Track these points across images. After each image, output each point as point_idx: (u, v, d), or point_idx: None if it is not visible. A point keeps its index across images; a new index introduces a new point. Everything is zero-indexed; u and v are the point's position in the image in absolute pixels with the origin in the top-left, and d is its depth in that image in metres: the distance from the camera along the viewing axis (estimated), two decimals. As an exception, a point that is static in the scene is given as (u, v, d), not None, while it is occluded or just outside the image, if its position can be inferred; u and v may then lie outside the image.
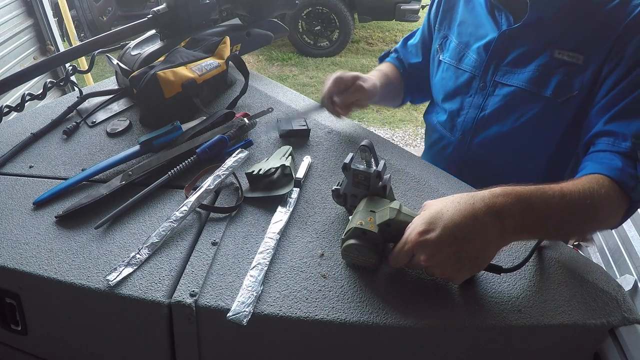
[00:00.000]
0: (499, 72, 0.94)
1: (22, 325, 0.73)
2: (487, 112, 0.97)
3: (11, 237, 0.74)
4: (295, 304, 0.63)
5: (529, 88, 0.90)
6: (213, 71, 1.05)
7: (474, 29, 1.01)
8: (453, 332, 0.62)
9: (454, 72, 1.04)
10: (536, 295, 0.65)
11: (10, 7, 3.02)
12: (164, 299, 0.63)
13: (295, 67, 4.99)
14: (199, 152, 0.87)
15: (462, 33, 1.03)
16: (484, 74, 0.97)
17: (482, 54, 0.97)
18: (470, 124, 1.00)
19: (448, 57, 1.06)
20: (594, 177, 0.73)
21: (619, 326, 0.62)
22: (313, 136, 0.98)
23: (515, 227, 0.61)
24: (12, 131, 1.01)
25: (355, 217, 0.67)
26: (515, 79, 0.92)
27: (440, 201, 0.64)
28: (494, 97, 0.95)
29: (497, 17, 0.95)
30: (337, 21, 4.99)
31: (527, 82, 0.90)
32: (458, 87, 1.03)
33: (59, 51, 1.89)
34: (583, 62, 0.84)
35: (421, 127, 3.86)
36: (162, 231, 0.72)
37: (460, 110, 1.02)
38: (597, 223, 0.75)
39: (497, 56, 0.94)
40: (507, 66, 0.93)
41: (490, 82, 0.96)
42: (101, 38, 1.09)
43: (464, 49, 1.02)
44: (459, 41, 1.03)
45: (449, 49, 1.06)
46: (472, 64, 0.99)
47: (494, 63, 0.95)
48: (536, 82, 0.89)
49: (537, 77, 0.89)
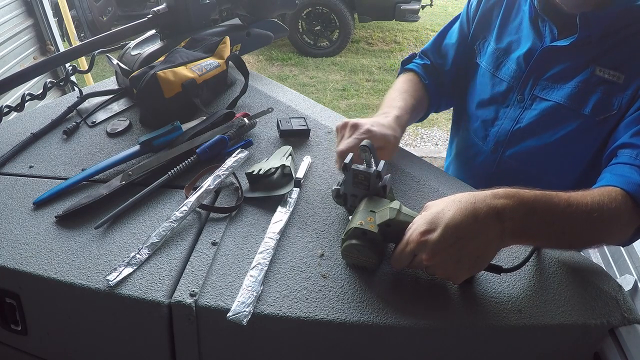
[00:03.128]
0: (538, 86, 0.91)
1: (22, 325, 0.73)
2: (522, 125, 0.94)
3: (11, 237, 0.74)
4: (295, 304, 0.63)
5: (568, 104, 0.87)
6: (213, 71, 1.05)
7: (515, 36, 0.96)
8: (453, 332, 0.62)
9: (490, 79, 1.00)
10: (536, 295, 0.65)
11: (10, 7, 3.02)
12: (164, 299, 0.63)
13: (295, 67, 4.99)
14: (199, 152, 0.87)
15: (501, 38, 0.99)
16: (522, 87, 0.93)
17: (522, 64, 0.93)
18: (504, 135, 0.96)
19: (485, 62, 1.01)
20: (608, 190, 0.70)
21: (619, 326, 0.62)
22: (313, 136, 0.98)
23: (515, 230, 0.61)
24: (12, 131, 1.01)
25: (355, 217, 0.67)
26: (554, 94, 0.89)
27: (441, 201, 0.64)
28: (531, 110, 0.92)
29: (540, 27, 0.91)
30: (337, 21, 4.99)
31: (567, 99, 0.87)
32: (494, 95, 0.99)
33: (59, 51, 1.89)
34: (624, 81, 0.82)
35: (421, 127, 3.86)
36: (162, 231, 0.72)
37: (494, 120, 0.99)
38: (602, 237, 0.71)
39: (538, 70, 0.91)
40: (547, 81, 0.90)
41: (529, 95, 0.93)
42: (101, 38, 1.09)
43: (503, 55, 0.98)
44: (498, 46, 0.99)
45: (487, 53, 1.01)
46: (510, 74, 0.95)
47: (534, 76, 0.92)
48: (575, 99, 0.86)
49: (577, 94, 0.86)
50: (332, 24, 5.05)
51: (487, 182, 0.92)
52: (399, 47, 5.53)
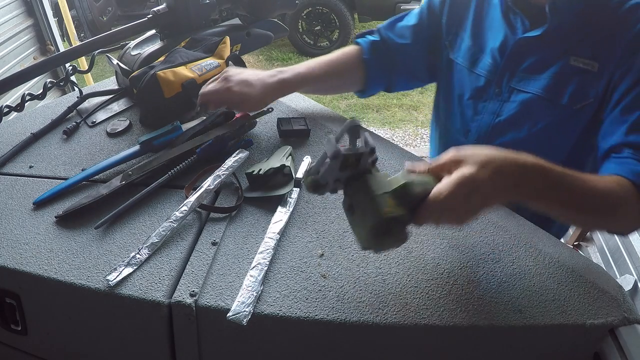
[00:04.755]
0: (515, 78, 0.92)
1: (22, 325, 0.73)
2: (502, 118, 0.95)
3: (11, 237, 0.74)
4: (295, 304, 0.63)
5: (545, 95, 0.88)
6: (213, 71, 1.05)
7: (488, 30, 0.97)
8: (453, 332, 0.62)
9: (467, 75, 1.01)
10: (536, 295, 0.65)
11: (10, 7, 3.02)
12: (164, 299, 0.63)
13: (295, 67, 4.99)
14: (199, 152, 0.87)
15: (476, 34, 0.99)
16: (499, 80, 0.94)
17: (497, 58, 0.94)
18: (485, 129, 0.98)
19: (461, 59, 1.02)
20: (617, 178, 0.73)
21: (619, 326, 0.62)
22: (313, 136, 0.98)
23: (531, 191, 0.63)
24: (12, 131, 1.01)
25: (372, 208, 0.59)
26: (531, 85, 0.90)
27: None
28: (510, 103, 0.93)
29: (512, 20, 0.92)
30: (337, 21, 4.99)
31: (543, 90, 0.88)
32: (473, 91, 1.00)
33: (59, 51, 1.89)
34: (598, 69, 0.83)
35: (421, 127, 3.86)
36: (162, 231, 0.72)
37: (475, 115, 1.00)
38: (608, 220, 0.74)
39: (513, 62, 0.92)
40: (523, 72, 0.91)
41: (506, 88, 0.94)
42: (101, 38, 1.09)
43: (478, 51, 0.98)
44: (473, 42, 1.00)
45: (461, 49, 1.02)
46: (487, 69, 0.96)
47: (510, 69, 0.93)
48: (552, 90, 0.87)
49: (553, 84, 0.87)
50: (332, 24, 5.05)
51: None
52: (399, 47, 5.52)
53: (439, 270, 0.69)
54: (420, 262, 0.70)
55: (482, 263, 0.70)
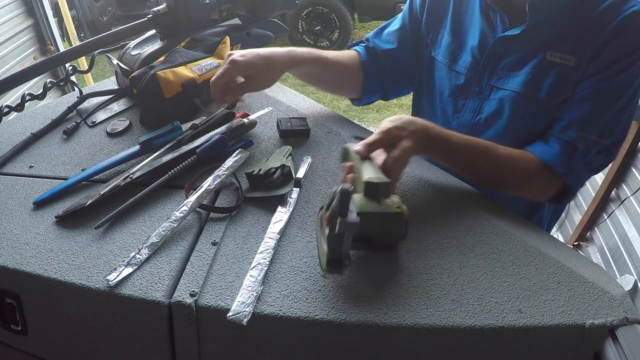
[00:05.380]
0: (495, 76, 0.93)
1: (22, 325, 0.73)
2: (482, 116, 0.96)
3: (11, 237, 0.74)
4: (295, 304, 0.63)
5: (524, 92, 0.89)
6: (213, 71, 1.04)
7: (468, 27, 0.98)
8: (453, 332, 0.62)
9: (447, 73, 1.01)
10: (536, 295, 0.65)
11: (10, 7, 3.02)
12: (164, 299, 0.63)
13: (295, 67, 4.99)
14: (199, 152, 0.87)
15: (455, 30, 1.00)
16: (479, 78, 0.95)
17: (477, 56, 0.95)
18: (466, 127, 0.99)
19: (441, 56, 1.02)
20: (525, 152, 0.87)
21: (619, 326, 0.62)
22: (313, 136, 0.98)
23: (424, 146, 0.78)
24: (12, 131, 1.01)
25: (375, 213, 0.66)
26: (510, 83, 0.91)
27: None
28: (490, 101, 0.95)
29: (491, 17, 0.93)
30: (337, 21, 5.00)
31: (522, 86, 0.89)
32: (453, 89, 1.01)
33: (59, 51, 1.90)
34: (574, 63, 0.84)
35: (421, 127, 3.85)
36: (162, 231, 0.72)
37: (455, 112, 1.01)
38: (508, 184, 0.87)
39: (492, 60, 0.93)
40: (502, 70, 0.92)
41: (486, 86, 0.95)
42: (101, 38, 1.09)
43: (458, 48, 0.99)
44: (452, 40, 1.00)
45: (441, 46, 1.02)
46: (466, 67, 0.97)
47: (489, 67, 0.94)
48: (530, 86, 0.88)
49: (531, 80, 0.88)
50: (332, 24, 5.05)
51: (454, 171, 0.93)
52: (399, 47, 5.52)
53: (439, 270, 0.69)
54: (420, 262, 0.70)
55: (482, 263, 0.70)
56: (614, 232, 2.03)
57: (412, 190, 0.84)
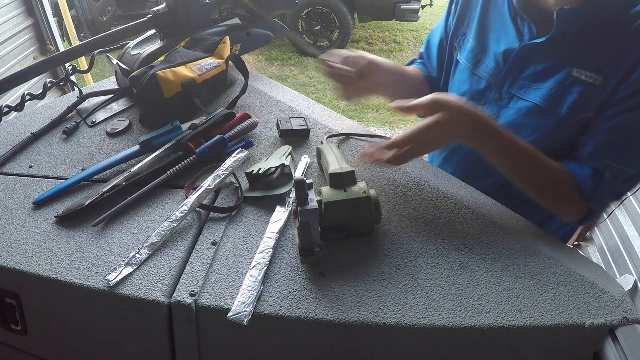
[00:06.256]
0: (517, 85, 0.91)
1: (22, 325, 0.73)
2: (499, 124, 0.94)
3: (11, 237, 0.74)
4: (295, 304, 0.63)
5: (545, 105, 0.87)
6: (213, 71, 1.05)
7: (494, 33, 0.96)
8: (453, 332, 0.62)
9: (469, 77, 1.00)
10: (536, 295, 0.65)
11: (10, 7, 3.02)
12: (164, 299, 0.63)
13: (295, 67, 4.99)
14: (199, 152, 0.87)
15: (480, 35, 0.98)
16: (500, 85, 0.93)
17: (501, 63, 0.93)
18: None
19: (464, 60, 1.01)
20: (563, 168, 0.84)
21: (619, 326, 0.62)
22: (313, 136, 0.98)
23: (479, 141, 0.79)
24: (12, 131, 1.01)
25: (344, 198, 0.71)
26: (531, 94, 0.89)
27: None
28: (509, 109, 0.92)
29: (519, 25, 0.90)
30: (337, 21, 5.00)
31: (543, 99, 0.87)
32: (472, 93, 0.99)
33: (59, 51, 1.89)
34: (600, 83, 0.80)
35: (421, 127, 3.86)
36: (162, 231, 0.72)
37: None
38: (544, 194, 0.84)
39: (516, 68, 0.91)
40: (525, 80, 0.90)
41: (507, 94, 0.92)
42: (101, 38, 1.09)
43: (481, 53, 0.97)
44: (477, 43, 0.99)
45: (466, 49, 1.01)
46: (489, 72, 0.95)
47: (512, 75, 0.91)
48: (552, 100, 0.86)
49: (554, 94, 0.86)
50: (332, 24, 5.05)
51: (465, 178, 0.93)
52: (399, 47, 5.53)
53: (439, 270, 0.69)
54: (420, 262, 0.70)
55: (482, 263, 0.70)
56: (614, 232, 2.03)
57: (412, 190, 0.84)
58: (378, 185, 0.85)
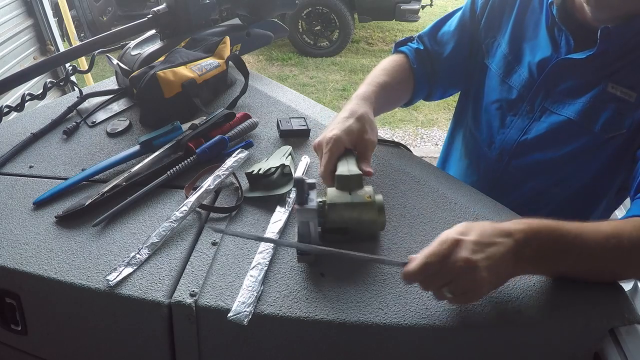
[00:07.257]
0: (550, 98, 0.88)
1: (22, 325, 0.73)
2: (529, 137, 0.91)
3: (11, 237, 0.74)
4: (295, 304, 0.63)
5: (579, 121, 0.84)
6: (213, 71, 1.05)
7: (529, 41, 0.92)
8: (453, 332, 0.62)
9: (499, 84, 0.95)
10: (536, 295, 0.65)
11: (10, 7, 3.02)
12: (164, 299, 0.63)
13: (295, 67, 4.99)
14: (199, 152, 0.87)
15: (514, 42, 0.93)
16: (533, 97, 0.90)
17: (534, 74, 0.89)
18: (510, 144, 0.93)
19: (495, 66, 0.96)
20: (632, 219, 0.67)
21: (619, 326, 0.62)
22: (313, 136, 0.98)
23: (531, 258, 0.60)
24: (12, 131, 1.01)
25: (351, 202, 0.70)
26: (565, 109, 0.86)
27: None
28: (540, 122, 0.89)
29: (556, 36, 0.87)
30: (337, 21, 4.99)
31: (578, 114, 0.84)
32: (503, 102, 0.95)
33: (59, 51, 1.90)
34: (635, 99, 0.79)
35: (421, 127, 3.86)
36: (162, 231, 0.72)
37: (501, 127, 0.95)
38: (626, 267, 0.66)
39: (550, 81, 0.87)
40: (559, 94, 0.87)
41: (539, 107, 0.89)
42: (101, 38, 1.09)
43: (514, 61, 0.93)
44: (510, 50, 0.94)
45: (496, 55, 0.96)
46: (521, 83, 0.91)
47: (545, 88, 0.88)
48: (586, 115, 0.83)
49: (588, 110, 0.83)
50: (332, 24, 5.05)
51: (490, 189, 0.91)
52: (399, 47, 5.51)
53: (439, 270, 0.68)
54: (420, 262, 0.70)
55: (482, 263, 0.70)
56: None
57: (411, 190, 0.84)
58: (378, 185, 0.85)
